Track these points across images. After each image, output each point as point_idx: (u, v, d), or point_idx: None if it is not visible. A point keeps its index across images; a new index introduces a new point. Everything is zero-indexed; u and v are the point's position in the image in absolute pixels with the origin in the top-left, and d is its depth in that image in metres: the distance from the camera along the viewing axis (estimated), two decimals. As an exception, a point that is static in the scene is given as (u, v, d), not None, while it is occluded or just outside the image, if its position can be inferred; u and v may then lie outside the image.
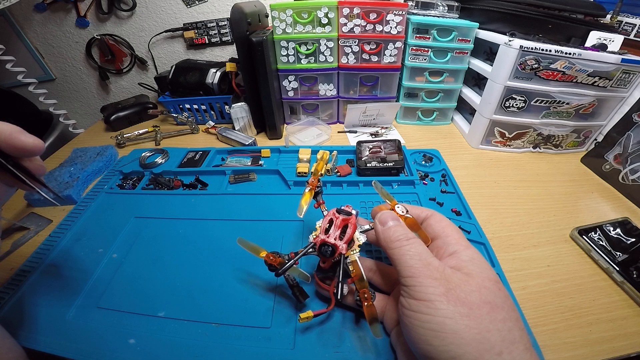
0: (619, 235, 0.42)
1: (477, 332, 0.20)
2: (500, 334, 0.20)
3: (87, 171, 0.56)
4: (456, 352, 0.20)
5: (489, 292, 0.22)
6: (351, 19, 0.60)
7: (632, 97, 0.55)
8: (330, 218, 0.30)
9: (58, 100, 0.88)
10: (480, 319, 0.21)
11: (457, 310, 0.21)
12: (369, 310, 0.27)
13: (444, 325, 0.21)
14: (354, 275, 0.28)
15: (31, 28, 0.82)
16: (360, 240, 0.30)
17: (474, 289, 0.22)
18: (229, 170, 0.55)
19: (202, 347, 0.30)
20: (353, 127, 0.71)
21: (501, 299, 0.22)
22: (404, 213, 0.29)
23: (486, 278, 0.23)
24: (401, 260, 0.24)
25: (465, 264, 0.24)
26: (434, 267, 0.23)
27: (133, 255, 0.40)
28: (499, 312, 0.21)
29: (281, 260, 0.30)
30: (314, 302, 0.34)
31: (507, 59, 0.52)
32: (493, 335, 0.20)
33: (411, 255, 0.24)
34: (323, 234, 0.29)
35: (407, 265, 0.24)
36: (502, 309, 0.22)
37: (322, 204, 0.34)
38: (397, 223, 0.27)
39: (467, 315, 0.21)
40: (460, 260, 0.25)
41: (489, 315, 0.21)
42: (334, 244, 0.28)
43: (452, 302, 0.21)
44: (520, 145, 0.63)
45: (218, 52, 0.89)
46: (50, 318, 0.33)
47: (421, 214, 0.31)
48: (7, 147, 0.24)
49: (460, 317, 0.21)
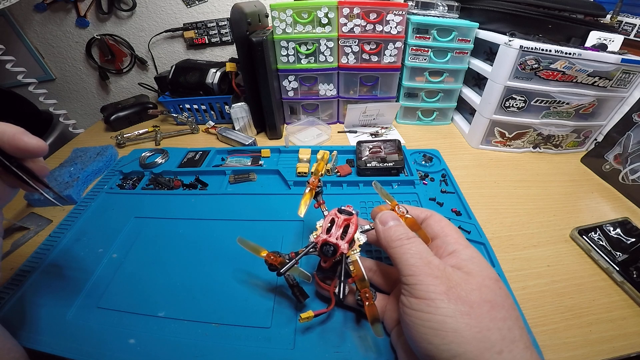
0: (619, 235, 0.42)
1: (478, 330, 0.20)
2: (500, 333, 0.20)
3: (87, 171, 0.56)
4: (457, 350, 0.20)
5: (489, 291, 0.22)
6: (351, 19, 0.60)
7: (632, 97, 0.55)
8: (331, 218, 0.30)
9: (58, 100, 0.88)
10: (480, 318, 0.21)
11: (458, 308, 0.21)
12: (371, 310, 0.27)
13: (444, 324, 0.21)
14: (354, 275, 0.28)
15: (31, 28, 0.82)
16: (361, 240, 0.30)
17: (475, 288, 0.22)
18: (229, 170, 0.55)
19: (202, 347, 0.30)
20: (353, 127, 0.71)
21: (501, 298, 0.22)
22: (404, 213, 0.29)
23: (486, 277, 0.23)
24: (402, 258, 0.24)
25: (465, 262, 0.24)
26: (434, 266, 0.23)
27: (133, 255, 0.40)
28: (499, 311, 0.21)
29: (282, 260, 0.30)
30: (314, 302, 0.34)
31: (507, 59, 0.52)
32: (493, 334, 0.20)
33: (412, 254, 0.24)
34: (324, 234, 0.29)
35: (408, 263, 0.24)
36: (503, 308, 0.22)
37: (322, 204, 0.34)
38: (397, 223, 0.28)
39: (468, 314, 0.21)
40: (460, 259, 0.25)
41: (490, 314, 0.21)
42: (336, 243, 0.28)
43: (452, 300, 0.21)
44: (520, 145, 0.63)
45: (218, 52, 0.89)
46: (51, 318, 0.33)
47: (420, 214, 0.31)
48: (10, 148, 0.24)
49: (461, 316, 0.21)
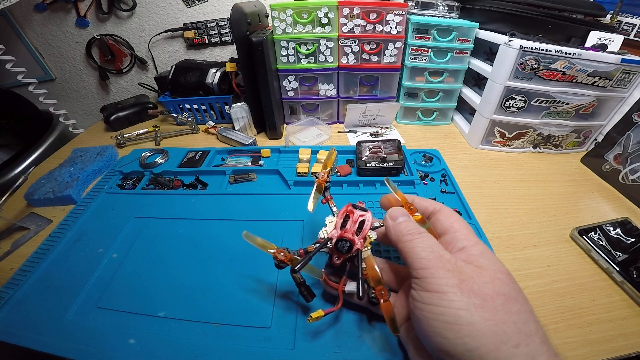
0: (619, 235, 0.42)
1: (493, 323, 0.20)
2: (516, 326, 0.20)
3: (87, 171, 0.56)
4: (472, 344, 0.19)
5: (502, 284, 0.22)
6: (351, 19, 0.60)
7: (632, 97, 0.55)
8: (345, 213, 0.29)
9: (58, 100, 0.88)
10: (495, 310, 0.20)
11: (471, 301, 0.20)
12: (387, 307, 0.26)
13: (458, 317, 0.20)
14: (366, 272, 0.28)
15: (31, 28, 0.82)
16: (372, 238, 0.29)
17: (487, 281, 0.22)
18: (229, 170, 0.55)
19: (202, 347, 0.30)
20: (353, 127, 0.71)
21: (515, 291, 0.22)
22: (414, 211, 0.29)
23: (498, 270, 0.23)
24: (413, 252, 0.24)
25: (475, 257, 0.24)
26: (446, 259, 0.23)
27: (133, 255, 0.40)
28: (514, 304, 0.21)
29: (291, 257, 0.29)
30: (319, 301, 0.33)
31: (507, 59, 0.52)
32: (509, 327, 0.20)
33: (423, 247, 0.24)
34: (339, 229, 0.29)
35: (419, 257, 0.23)
36: (517, 301, 0.21)
37: (330, 200, 0.33)
38: (407, 219, 0.27)
39: (482, 307, 0.20)
40: (470, 255, 0.24)
41: (504, 307, 0.20)
42: (352, 239, 0.28)
43: (465, 293, 0.21)
44: (520, 145, 0.63)
45: (218, 52, 0.89)
46: (50, 318, 0.33)
47: (429, 207, 0.30)
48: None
49: (475, 309, 0.20)
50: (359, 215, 0.29)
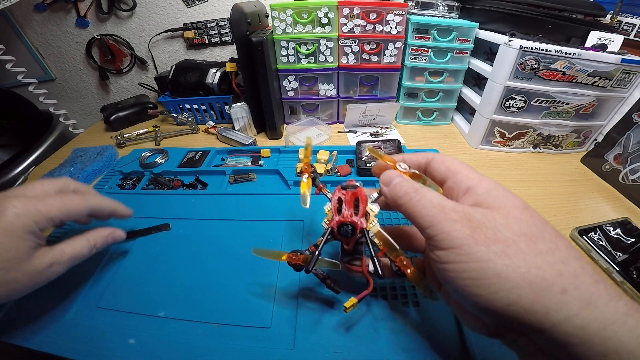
0: (619, 235, 0.42)
1: (525, 270, 0.17)
2: (554, 268, 0.17)
3: (87, 171, 0.56)
4: (508, 297, 0.17)
5: (520, 222, 0.19)
6: (351, 19, 0.60)
7: (632, 97, 0.55)
8: (337, 197, 0.28)
9: (58, 100, 0.88)
10: (522, 255, 0.18)
11: (491, 249, 0.18)
12: (413, 276, 0.25)
13: (483, 271, 0.18)
14: (382, 247, 0.27)
15: (31, 28, 0.82)
16: (375, 211, 0.28)
17: (502, 223, 0.19)
18: (229, 170, 0.55)
19: (202, 347, 0.30)
20: (353, 127, 0.71)
21: (537, 227, 0.19)
22: (406, 169, 0.27)
23: (511, 207, 0.20)
24: (414, 211, 0.22)
25: (483, 197, 0.21)
26: (450, 209, 0.21)
27: (133, 255, 0.40)
28: (541, 243, 0.18)
29: (304, 257, 0.28)
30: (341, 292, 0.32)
31: (507, 59, 0.52)
32: (546, 271, 0.17)
33: (423, 204, 0.22)
34: (337, 215, 0.28)
35: (422, 215, 0.21)
36: (544, 239, 0.19)
37: (323, 188, 0.32)
38: (400, 179, 0.25)
39: (505, 254, 0.18)
40: (476, 195, 0.22)
41: (530, 248, 0.18)
42: (352, 220, 0.27)
43: (481, 242, 0.18)
44: (520, 145, 0.63)
45: (218, 52, 0.89)
46: (50, 318, 0.33)
47: (422, 161, 0.28)
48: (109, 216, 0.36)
49: (498, 257, 0.18)
50: (351, 194, 0.28)
